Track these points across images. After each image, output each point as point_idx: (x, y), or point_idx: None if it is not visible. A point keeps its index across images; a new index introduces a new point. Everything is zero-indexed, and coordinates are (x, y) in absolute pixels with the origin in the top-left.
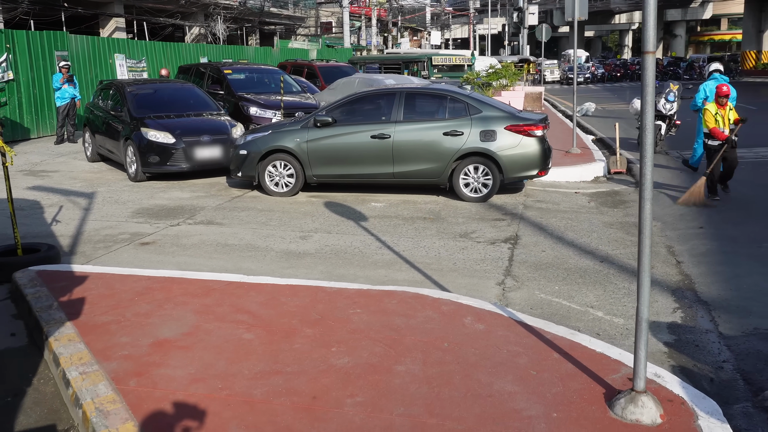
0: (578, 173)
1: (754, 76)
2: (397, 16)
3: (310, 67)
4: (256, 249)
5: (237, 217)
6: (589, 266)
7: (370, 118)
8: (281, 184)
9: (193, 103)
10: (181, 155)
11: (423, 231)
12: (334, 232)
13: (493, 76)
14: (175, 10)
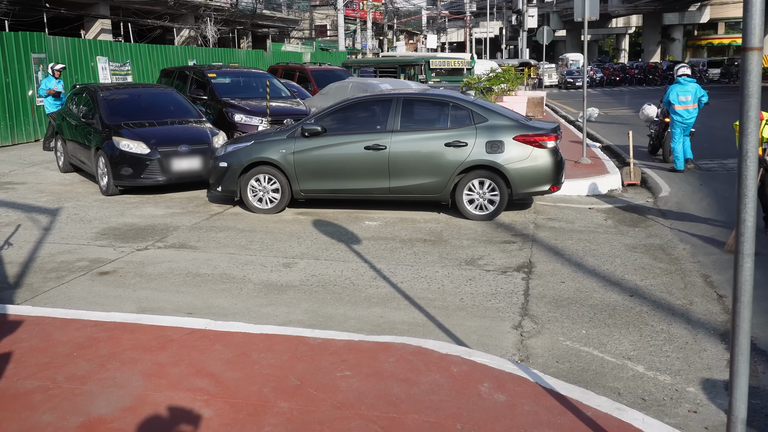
0: (591, 186)
1: None
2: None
3: (301, 71)
4: (232, 280)
5: (214, 239)
6: (617, 302)
7: (363, 127)
8: (265, 200)
9: (172, 110)
10: (156, 167)
11: (423, 256)
12: (323, 258)
13: (495, 80)
14: (163, 11)
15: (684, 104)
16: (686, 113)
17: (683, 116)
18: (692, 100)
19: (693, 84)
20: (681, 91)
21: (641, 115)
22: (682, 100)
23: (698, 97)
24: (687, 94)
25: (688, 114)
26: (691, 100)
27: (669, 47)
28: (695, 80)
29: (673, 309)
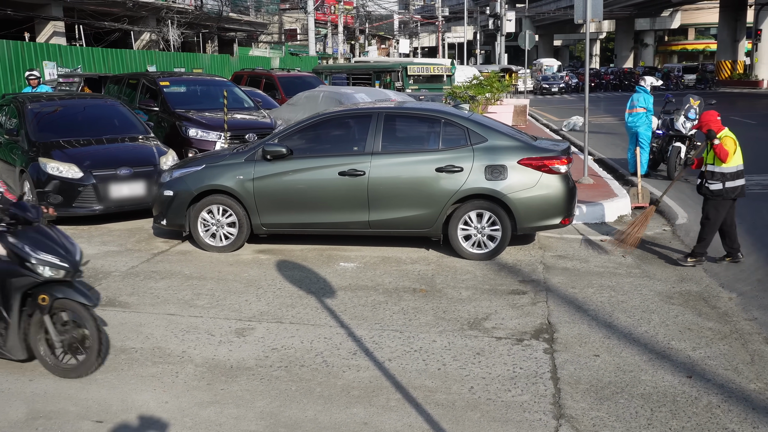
0: (599, 213)
1: (730, 87)
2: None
3: (269, 78)
4: (167, 358)
5: (152, 291)
6: (674, 388)
7: (337, 149)
8: (219, 235)
9: (115, 125)
10: (91, 194)
11: (415, 316)
12: (287, 321)
13: (478, 88)
14: (121, 13)
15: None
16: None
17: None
18: (628, 107)
19: (640, 93)
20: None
21: None
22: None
23: (634, 104)
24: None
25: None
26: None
27: (641, 53)
28: (645, 90)
29: (749, 398)
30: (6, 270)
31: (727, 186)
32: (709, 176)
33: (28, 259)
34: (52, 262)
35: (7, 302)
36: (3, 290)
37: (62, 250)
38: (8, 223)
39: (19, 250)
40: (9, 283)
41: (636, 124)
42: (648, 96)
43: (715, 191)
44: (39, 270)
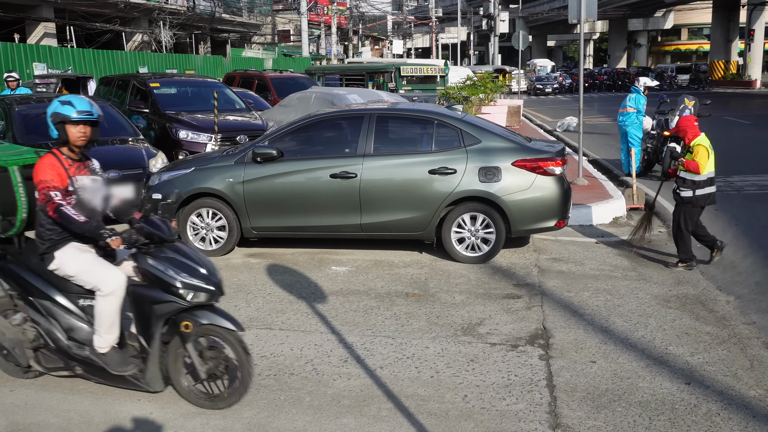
0: (594, 214)
1: (724, 87)
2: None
3: (261, 79)
4: None
5: None
6: (673, 395)
7: (329, 151)
8: (209, 239)
9: (104, 127)
10: None
11: (407, 321)
12: (277, 327)
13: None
14: (113, 14)
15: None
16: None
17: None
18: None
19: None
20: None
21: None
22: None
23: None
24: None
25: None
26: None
27: (634, 53)
28: (639, 90)
29: (749, 406)
30: (147, 296)
31: (697, 194)
32: (680, 183)
33: (173, 283)
34: (198, 285)
35: (147, 331)
36: (144, 318)
37: (204, 271)
38: (142, 243)
39: (162, 273)
40: (151, 311)
41: (625, 123)
42: (640, 96)
43: (685, 198)
44: (185, 295)
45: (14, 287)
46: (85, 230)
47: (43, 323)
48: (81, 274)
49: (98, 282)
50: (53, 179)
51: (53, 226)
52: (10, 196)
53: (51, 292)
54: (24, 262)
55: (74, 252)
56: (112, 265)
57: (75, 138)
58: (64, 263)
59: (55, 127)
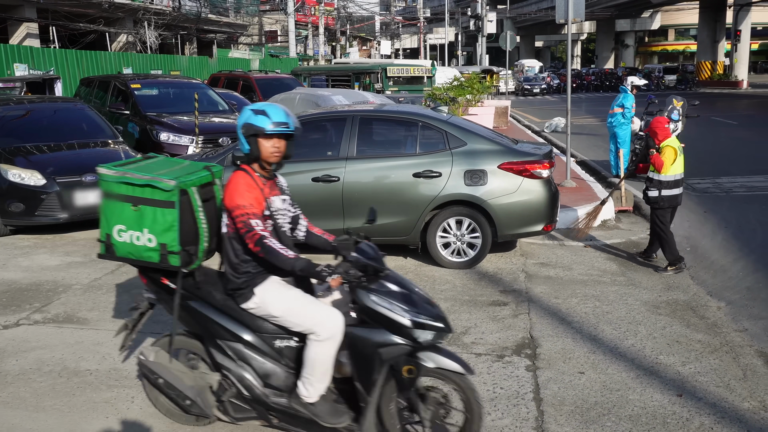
0: (581, 217)
1: (710, 87)
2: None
3: (246, 80)
4: (123, 382)
5: (113, 305)
6: (664, 408)
7: (311, 153)
8: None
9: (83, 129)
10: (54, 202)
11: None
12: None
13: (459, 90)
14: (97, 15)
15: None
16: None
17: None
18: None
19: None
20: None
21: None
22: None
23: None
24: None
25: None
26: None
27: (622, 53)
28: (626, 89)
29: (743, 419)
30: (369, 339)
31: (663, 194)
32: (648, 183)
33: (403, 323)
34: (428, 323)
35: (367, 377)
36: (364, 363)
37: (429, 305)
38: (357, 276)
39: (390, 312)
40: (375, 355)
41: (612, 124)
42: (627, 96)
43: (652, 198)
44: (415, 335)
45: (197, 328)
46: (296, 268)
47: (233, 369)
48: (289, 316)
49: (313, 325)
50: (252, 204)
51: (250, 257)
52: (191, 222)
53: (242, 332)
54: (205, 299)
55: (279, 288)
56: (326, 304)
57: (268, 153)
58: (267, 302)
59: (246, 141)
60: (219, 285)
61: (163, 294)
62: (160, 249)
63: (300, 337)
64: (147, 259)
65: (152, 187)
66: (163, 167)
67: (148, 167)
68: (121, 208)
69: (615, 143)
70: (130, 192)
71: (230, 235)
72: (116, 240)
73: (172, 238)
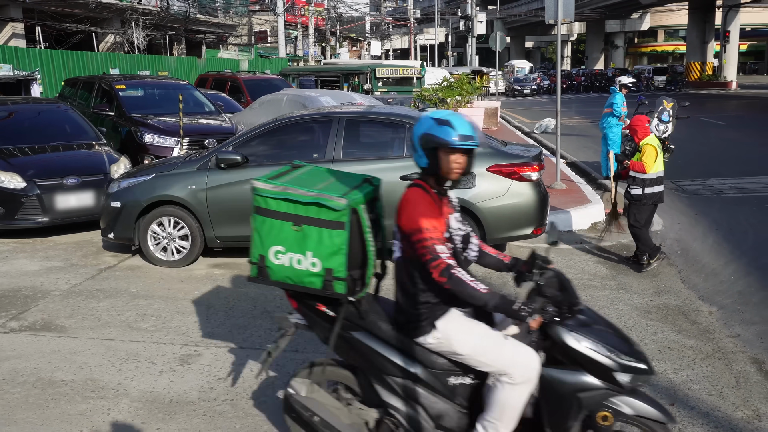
0: (572, 220)
1: (700, 88)
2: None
3: (234, 81)
4: (100, 393)
5: (93, 312)
6: None
7: (296, 156)
8: (171, 249)
9: (66, 131)
10: (34, 205)
11: None
12: (238, 345)
13: (449, 91)
14: (84, 15)
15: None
16: None
17: None
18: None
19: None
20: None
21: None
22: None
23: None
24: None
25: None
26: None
27: (612, 54)
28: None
29: (737, 429)
30: (568, 382)
31: (646, 192)
32: (631, 181)
33: (607, 364)
34: (632, 365)
35: (561, 424)
36: (560, 408)
37: (628, 343)
38: (554, 312)
39: (594, 351)
40: (574, 401)
41: (602, 125)
42: (615, 96)
43: (635, 196)
44: (620, 379)
45: (357, 360)
46: (489, 304)
47: (401, 407)
48: (478, 355)
49: (506, 366)
50: (435, 227)
51: (428, 286)
52: (359, 245)
53: (413, 368)
54: (369, 329)
55: (465, 323)
56: (522, 343)
57: (449, 169)
58: (452, 338)
59: (425, 153)
60: (383, 314)
61: (318, 321)
62: (325, 274)
63: (476, 375)
64: (308, 285)
65: (319, 206)
66: (319, 179)
67: (304, 180)
68: (280, 227)
69: (605, 144)
70: (292, 210)
71: (406, 260)
72: (272, 262)
73: (339, 262)
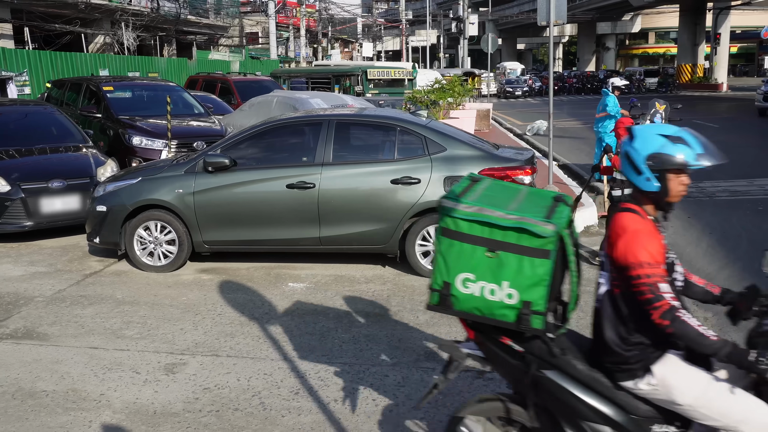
0: None
1: (691, 90)
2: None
3: (224, 82)
4: (81, 404)
5: (77, 319)
6: None
7: (286, 159)
8: (158, 254)
9: (52, 133)
10: (19, 208)
11: (366, 346)
12: (224, 353)
13: (441, 93)
14: (73, 15)
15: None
16: None
17: None
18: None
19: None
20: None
21: None
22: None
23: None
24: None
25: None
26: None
27: (603, 56)
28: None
29: None
30: None
31: (626, 193)
32: (613, 183)
33: None
34: None
35: None
36: None
37: None
38: None
39: None
40: None
41: (597, 129)
42: (608, 98)
43: (615, 197)
44: None
45: (546, 401)
46: (721, 354)
47: None
48: (703, 407)
49: (738, 422)
50: (658, 262)
51: (644, 326)
52: (561, 276)
53: (614, 414)
54: (563, 368)
55: (687, 370)
56: (755, 397)
57: (676, 193)
58: (672, 386)
59: (654, 175)
60: (575, 351)
61: (501, 356)
62: (522, 307)
63: (682, 423)
64: (499, 317)
65: (521, 231)
66: (507, 197)
67: (492, 198)
68: (472, 252)
69: (601, 148)
70: (487, 234)
71: (617, 295)
72: (459, 291)
73: (540, 295)
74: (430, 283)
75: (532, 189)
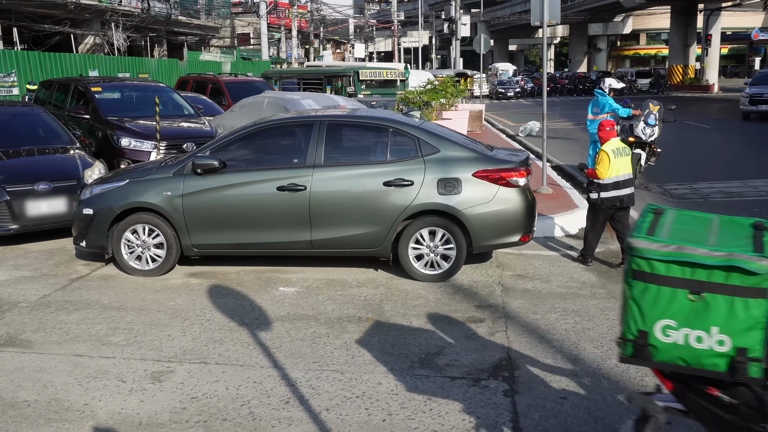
0: (559, 225)
1: (682, 91)
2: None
3: (215, 83)
4: (64, 415)
5: (62, 325)
6: None
7: (276, 161)
8: (146, 258)
9: (39, 135)
10: (4, 211)
11: (358, 352)
12: (213, 361)
13: (433, 93)
14: (63, 16)
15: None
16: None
17: None
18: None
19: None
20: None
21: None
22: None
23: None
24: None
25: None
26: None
27: (595, 57)
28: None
29: None
30: None
31: (602, 196)
32: (589, 186)
33: None
34: None
35: None
36: None
37: None
38: None
39: None
40: None
41: (590, 130)
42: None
43: (591, 200)
44: None
45: None
46: None
47: None
48: None
49: None
50: None
51: None
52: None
53: None
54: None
55: None
56: None
57: None
58: None
59: None
60: None
61: (708, 409)
62: (736, 355)
63: None
64: (708, 367)
65: (729, 269)
66: (701, 229)
67: (686, 232)
68: (671, 296)
69: (595, 150)
70: (688, 275)
71: None
72: (659, 340)
73: (757, 340)
74: (622, 332)
75: (724, 217)
